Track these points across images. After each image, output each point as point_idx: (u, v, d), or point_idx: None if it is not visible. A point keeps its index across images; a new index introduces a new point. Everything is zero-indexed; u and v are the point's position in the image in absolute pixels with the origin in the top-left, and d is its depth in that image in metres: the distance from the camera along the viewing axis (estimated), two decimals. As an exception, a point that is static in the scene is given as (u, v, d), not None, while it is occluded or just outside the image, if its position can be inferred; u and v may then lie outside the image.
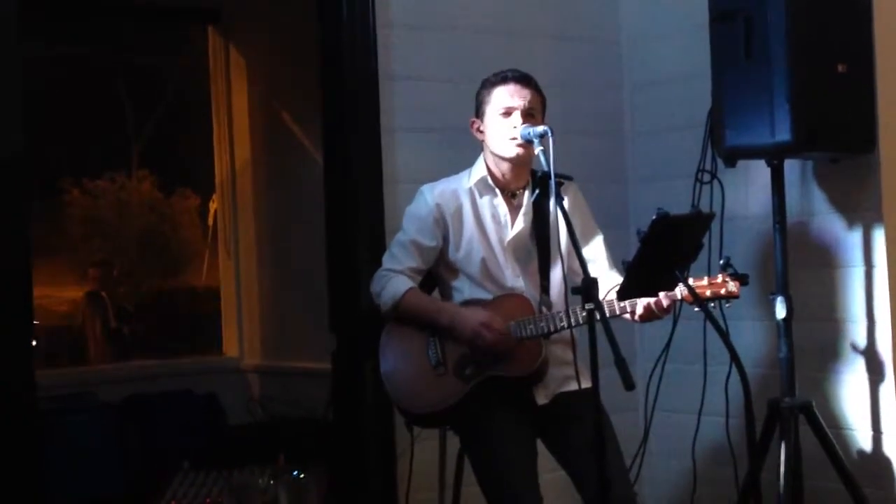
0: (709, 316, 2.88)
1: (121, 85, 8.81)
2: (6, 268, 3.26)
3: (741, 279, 3.04)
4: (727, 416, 3.81)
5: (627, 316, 3.06)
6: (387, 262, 3.25)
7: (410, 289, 3.16)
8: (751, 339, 3.89)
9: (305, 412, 5.08)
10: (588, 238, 3.26)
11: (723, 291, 3.02)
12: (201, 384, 5.63)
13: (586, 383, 2.90)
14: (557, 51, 4.23)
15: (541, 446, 3.19)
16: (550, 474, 3.24)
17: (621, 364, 2.55)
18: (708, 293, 3.00)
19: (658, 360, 3.92)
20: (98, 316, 7.55)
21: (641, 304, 3.00)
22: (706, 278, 3.04)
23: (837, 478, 3.46)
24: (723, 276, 3.03)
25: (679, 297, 3.00)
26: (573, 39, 4.31)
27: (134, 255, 9.42)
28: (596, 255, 3.25)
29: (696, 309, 2.95)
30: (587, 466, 2.84)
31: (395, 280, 3.18)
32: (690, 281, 2.95)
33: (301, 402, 5.16)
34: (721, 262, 3.06)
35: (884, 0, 3.52)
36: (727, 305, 3.08)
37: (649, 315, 3.02)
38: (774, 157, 3.51)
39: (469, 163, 3.30)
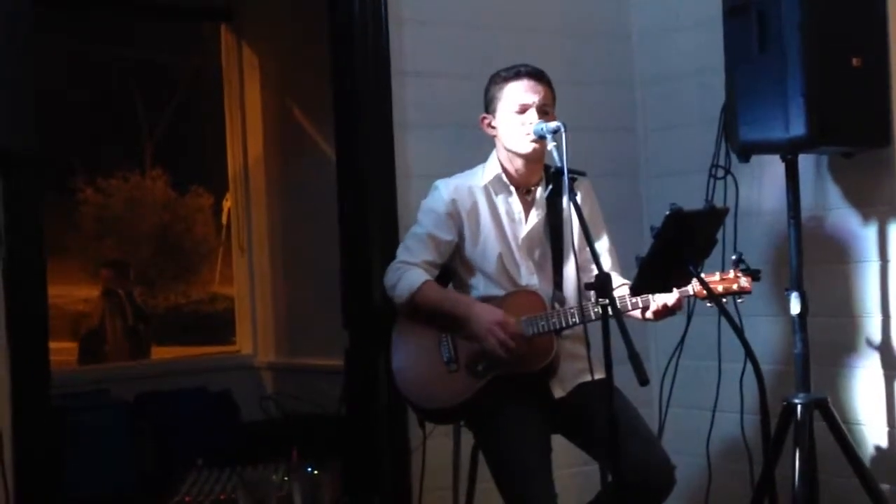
0: (723, 311, 2.86)
1: (133, 83, 8.83)
2: (21, 266, 3.27)
3: (753, 275, 3.03)
4: (742, 413, 3.80)
5: (637, 314, 3.05)
6: (402, 254, 3.21)
7: (427, 281, 3.12)
8: (765, 334, 3.87)
9: (319, 408, 5.08)
10: (594, 237, 3.22)
11: (735, 287, 3.01)
12: (215, 381, 5.64)
13: (600, 375, 2.89)
14: (569, 46, 4.22)
15: (557, 443, 3.18)
16: (565, 470, 3.23)
17: (635, 359, 2.54)
18: (720, 289, 3.00)
19: (672, 356, 3.91)
20: (116, 315, 7.58)
21: (655, 300, 2.99)
22: (718, 274, 3.03)
23: (853, 473, 3.44)
24: (735, 272, 3.02)
25: (691, 292, 2.99)
26: (585, 35, 4.30)
27: (148, 253, 9.44)
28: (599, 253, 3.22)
29: (709, 304, 2.94)
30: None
31: (410, 272, 3.14)
32: (702, 277, 2.94)
33: (315, 399, 5.16)
34: (733, 257, 3.04)
35: (899, -8, 3.51)
36: (740, 301, 3.07)
37: (664, 311, 3.01)
38: (788, 152, 3.49)
39: (482, 158, 3.29)
